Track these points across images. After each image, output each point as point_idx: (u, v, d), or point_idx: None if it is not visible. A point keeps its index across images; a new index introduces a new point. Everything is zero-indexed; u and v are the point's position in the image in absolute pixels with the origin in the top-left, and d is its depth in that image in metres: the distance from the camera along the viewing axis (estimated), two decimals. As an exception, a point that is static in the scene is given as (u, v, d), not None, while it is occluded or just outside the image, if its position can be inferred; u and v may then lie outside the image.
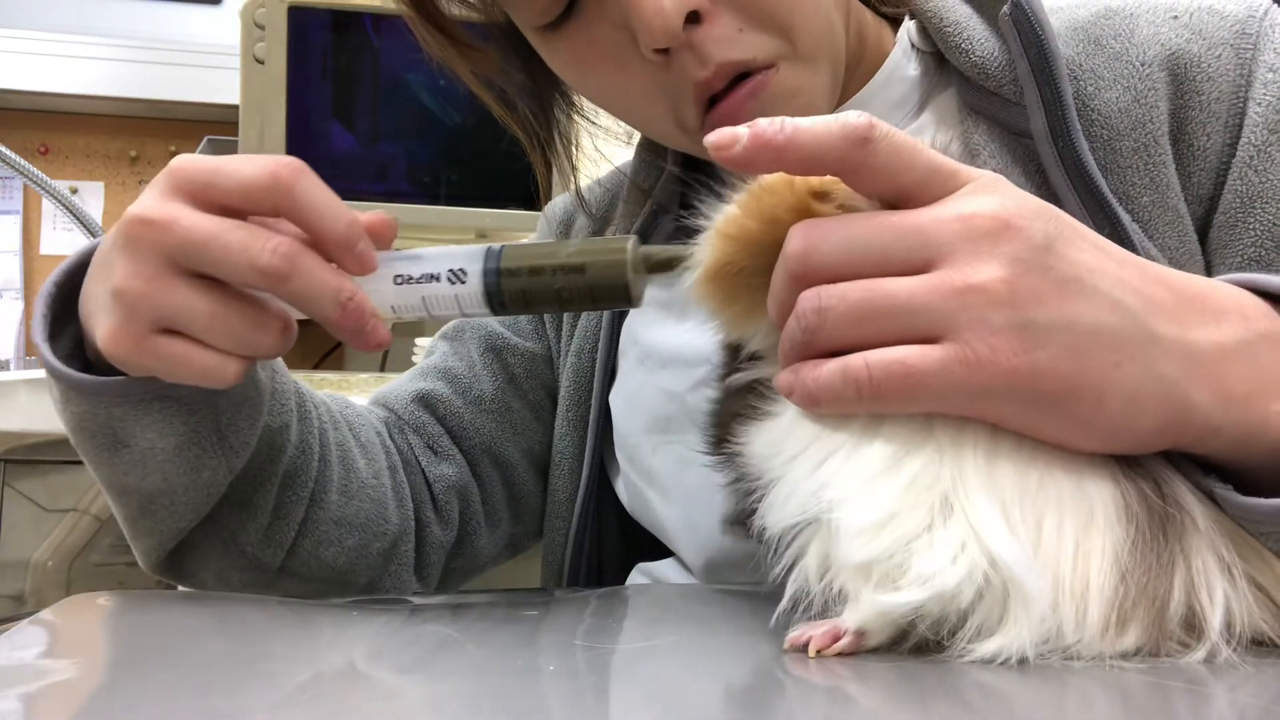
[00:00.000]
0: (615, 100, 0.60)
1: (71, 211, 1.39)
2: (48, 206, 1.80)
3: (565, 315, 0.72)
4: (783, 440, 0.39)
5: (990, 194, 0.37)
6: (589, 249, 0.43)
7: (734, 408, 0.43)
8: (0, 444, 1.57)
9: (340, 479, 0.60)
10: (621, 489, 0.68)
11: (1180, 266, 0.52)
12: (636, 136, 0.70)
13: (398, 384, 0.72)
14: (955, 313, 0.35)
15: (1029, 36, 0.54)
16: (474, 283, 0.44)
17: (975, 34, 0.56)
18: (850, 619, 0.37)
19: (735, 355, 0.44)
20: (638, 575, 0.70)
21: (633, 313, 0.68)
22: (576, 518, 0.67)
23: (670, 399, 0.63)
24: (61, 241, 1.82)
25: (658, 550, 0.67)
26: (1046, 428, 0.37)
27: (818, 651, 0.37)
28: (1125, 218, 0.52)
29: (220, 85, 1.69)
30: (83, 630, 0.46)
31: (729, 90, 0.54)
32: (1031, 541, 0.36)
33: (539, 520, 0.73)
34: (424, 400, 0.70)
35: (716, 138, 0.37)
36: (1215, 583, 0.37)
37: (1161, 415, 0.37)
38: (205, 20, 1.85)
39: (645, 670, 0.39)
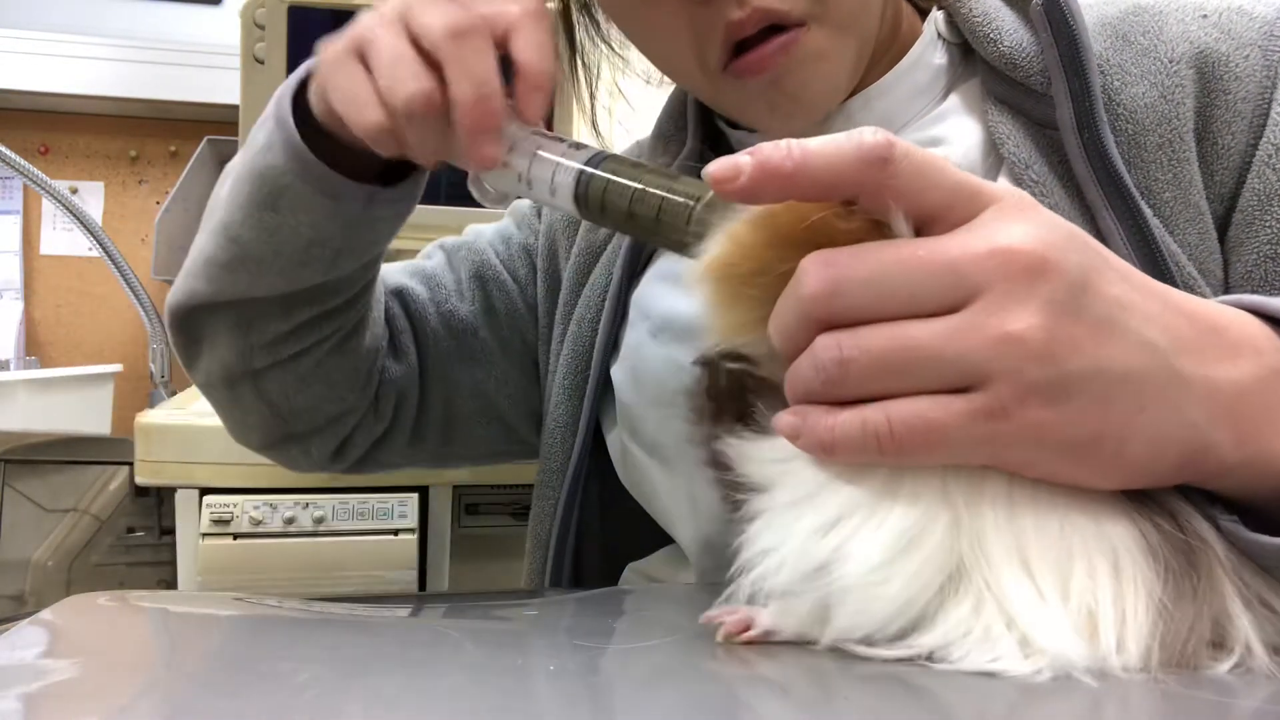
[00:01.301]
0: (642, 26, 0.60)
1: (71, 211, 1.39)
2: (48, 206, 1.80)
3: (568, 283, 0.71)
4: (777, 473, 0.37)
5: (1023, 221, 0.34)
6: (681, 178, 0.44)
7: (722, 402, 0.42)
8: (0, 444, 1.57)
9: (343, 339, 0.65)
10: (619, 462, 0.67)
11: (1200, 263, 0.52)
12: (655, 76, 0.70)
13: (387, 269, 0.74)
14: (989, 363, 0.33)
15: (1060, 27, 0.54)
16: (580, 159, 0.47)
17: (1005, 25, 0.57)
18: (766, 619, 0.38)
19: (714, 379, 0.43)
20: (632, 575, 0.70)
21: (644, 285, 0.67)
22: (566, 488, 0.67)
23: (680, 371, 0.62)
24: (61, 241, 1.82)
25: (646, 532, 0.67)
26: (1064, 472, 0.36)
27: (726, 636, 0.38)
28: (1147, 212, 0.52)
29: (220, 85, 1.69)
30: (83, 630, 0.46)
31: (759, 42, 0.54)
32: (1059, 596, 0.35)
33: (470, 449, 0.77)
34: (401, 295, 0.73)
35: (717, 170, 0.35)
36: (1242, 611, 0.37)
37: (1181, 456, 0.36)
38: (205, 20, 1.85)
39: (642, 670, 0.39)
